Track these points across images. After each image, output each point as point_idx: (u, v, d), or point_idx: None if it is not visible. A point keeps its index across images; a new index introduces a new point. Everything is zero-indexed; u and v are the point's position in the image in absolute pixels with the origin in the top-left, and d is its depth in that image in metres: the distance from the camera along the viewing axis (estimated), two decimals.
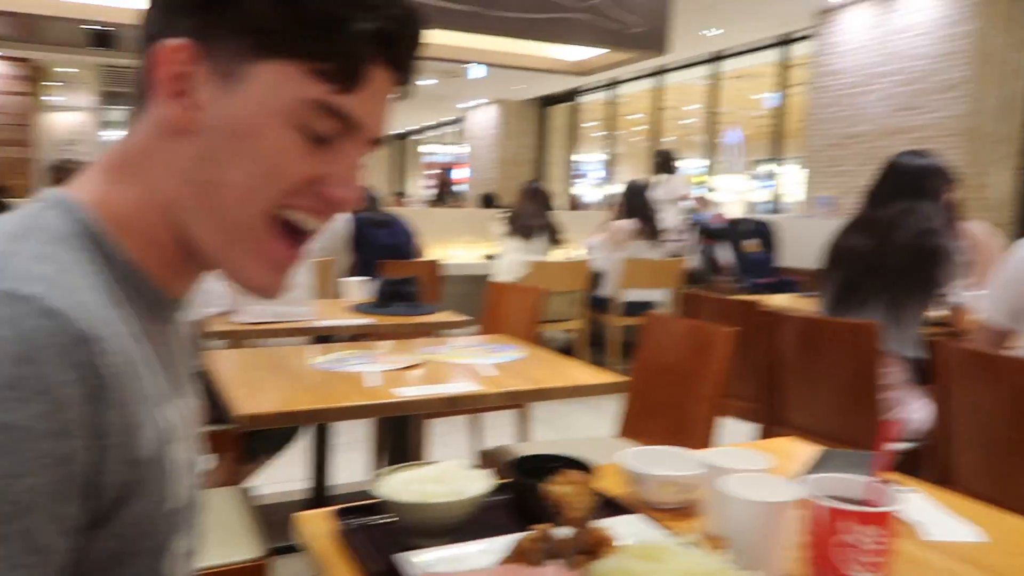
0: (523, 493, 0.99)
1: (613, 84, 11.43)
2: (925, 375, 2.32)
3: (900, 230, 2.40)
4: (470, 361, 1.93)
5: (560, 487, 0.94)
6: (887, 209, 2.45)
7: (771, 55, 8.74)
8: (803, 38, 7.84)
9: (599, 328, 4.83)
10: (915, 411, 2.31)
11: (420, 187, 18.77)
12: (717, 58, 9.44)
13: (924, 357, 2.32)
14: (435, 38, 4.77)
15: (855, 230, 2.53)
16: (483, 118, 13.95)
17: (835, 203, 6.72)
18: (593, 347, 4.84)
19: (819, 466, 1.10)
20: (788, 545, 0.80)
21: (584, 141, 13.66)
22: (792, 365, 2.46)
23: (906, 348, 2.36)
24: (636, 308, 4.50)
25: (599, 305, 4.79)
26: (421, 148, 20.02)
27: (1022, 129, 6.08)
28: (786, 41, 8.37)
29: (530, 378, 1.77)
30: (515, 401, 2.12)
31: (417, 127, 18.80)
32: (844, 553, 0.71)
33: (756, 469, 0.92)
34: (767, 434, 2.52)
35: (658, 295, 4.74)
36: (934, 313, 2.53)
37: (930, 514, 0.95)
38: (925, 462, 2.11)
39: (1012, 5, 5.91)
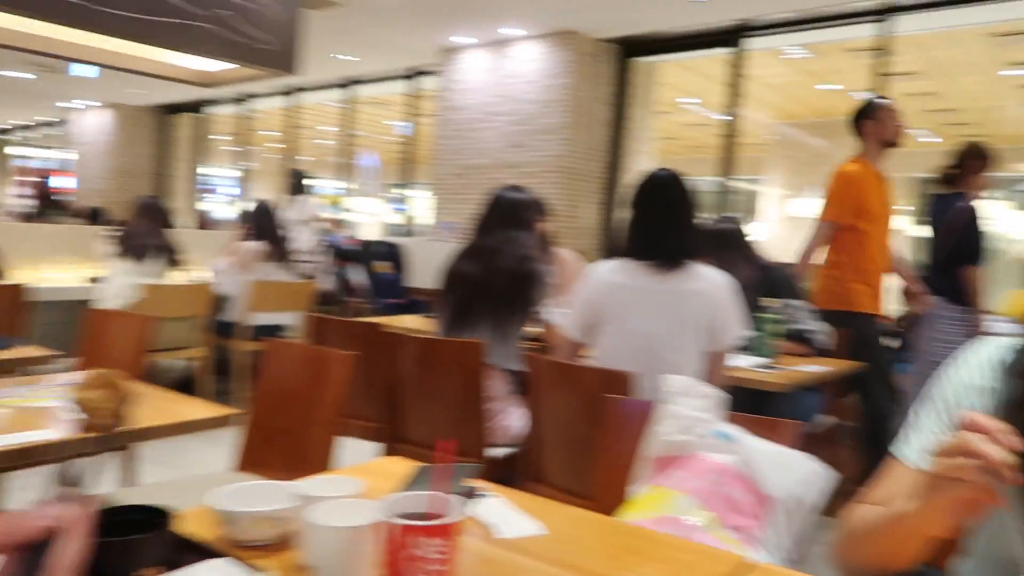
0: (96, 552, 0.88)
1: (246, 98, 10.99)
2: (524, 386, 2.61)
3: (502, 256, 2.67)
4: (52, 403, 1.68)
5: (84, 392, 0.85)
6: (491, 237, 2.72)
7: (402, 85, 9.19)
8: (430, 73, 8.37)
9: (225, 354, 4.57)
10: (516, 419, 2.59)
11: (11, 196, 15.97)
12: (352, 83, 9.63)
13: (524, 370, 2.61)
14: (29, 27, 4.12)
15: (465, 256, 2.75)
16: (94, 122, 12.39)
17: (457, 228, 7.26)
18: (219, 375, 4.56)
19: (415, 482, 1.16)
20: (371, 567, 0.83)
21: (214, 155, 12.90)
22: (411, 383, 2.59)
23: (509, 362, 2.63)
24: (266, 332, 4.36)
25: (225, 330, 4.53)
26: (11, 150, 17.08)
27: (605, 169, 7.22)
28: (415, 74, 8.86)
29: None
30: (105, 446, 1.89)
31: (7, 125, 16.02)
32: (413, 566, 0.76)
33: (347, 495, 0.95)
34: (390, 452, 2.61)
35: (289, 318, 4.65)
36: (532, 329, 2.86)
37: (502, 515, 1.06)
38: (522, 463, 2.37)
39: (596, 67, 7.00)
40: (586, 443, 2.01)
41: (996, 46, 8.17)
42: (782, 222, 12.61)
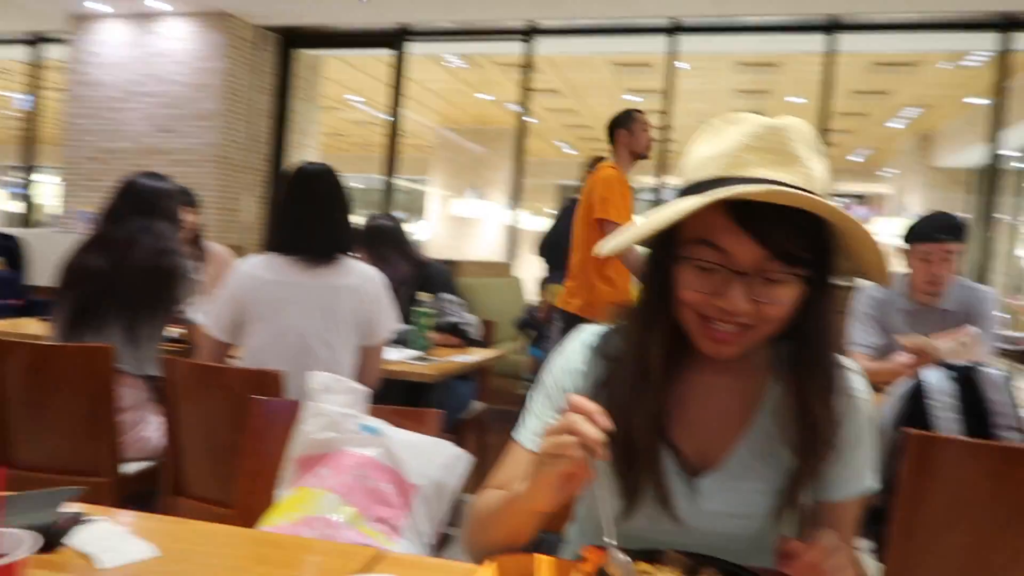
0: None
1: None
2: (164, 392, 2.38)
3: (137, 249, 2.39)
4: None
5: None
6: (122, 227, 2.42)
7: (22, 52, 7.86)
8: (59, 41, 7.28)
9: None
10: (155, 429, 2.34)
11: None
12: None
13: (162, 375, 2.37)
14: None
15: (91, 249, 2.42)
16: None
17: (94, 219, 6.42)
18: None
19: None
20: None
21: None
22: (18, 399, 2.20)
23: (145, 367, 2.37)
24: None
25: None
26: None
27: (266, 162, 6.91)
28: (38, 40, 7.65)
29: None
30: None
31: None
32: None
33: None
34: None
35: None
36: (174, 331, 2.61)
37: (107, 541, 0.93)
38: (164, 476, 2.15)
39: (256, 55, 6.67)
40: (231, 449, 1.88)
41: (618, 73, 9.47)
42: (445, 221, 13.26)
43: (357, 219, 2.63)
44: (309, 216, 2.17)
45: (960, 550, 1.56)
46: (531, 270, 4.54)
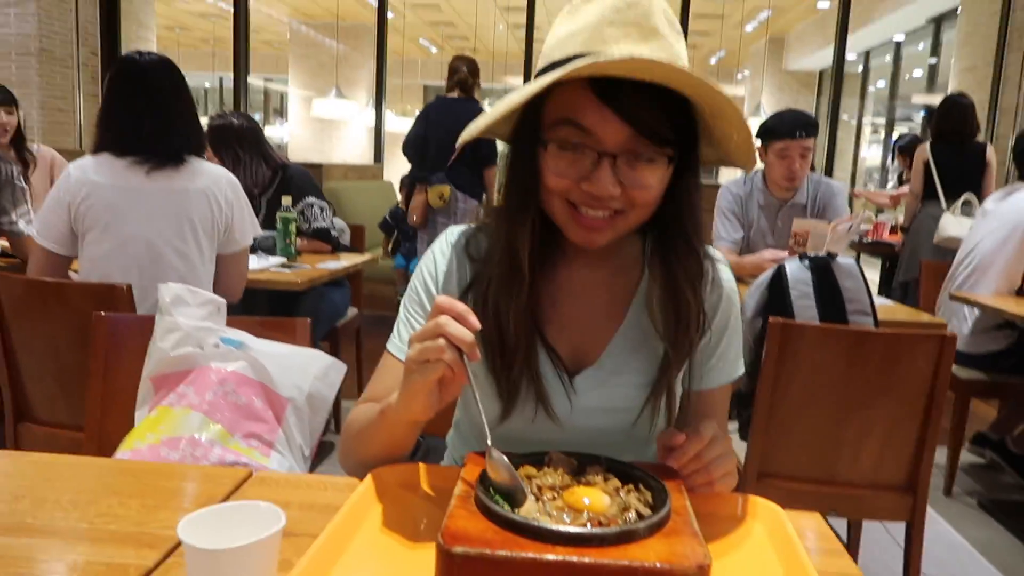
0: None
1: None
2: None
3: None
4: None
5: None
6: None
7: None
8: None
9: None
10: None
11: None
12: None
13: None
14: None
15: None
16: None
17: None
18: None
19: None
20: None
21: None
22: None
23: None
24: None
25: None
26: None
27: (98, 57, 6.20)
28: None
29: None
30: None
31: None
32: None
33: None
34: None
35: None
36: None
37: None
38: (5, 404, 1.95)
39: None
40: (81, 371, 1.72)
41: None
42: (307, 123, 12.59)
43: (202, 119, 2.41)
44: (144, 113, 1.93)
45: (817, 426, 1.67)
46: (402, 173, 4.37)
